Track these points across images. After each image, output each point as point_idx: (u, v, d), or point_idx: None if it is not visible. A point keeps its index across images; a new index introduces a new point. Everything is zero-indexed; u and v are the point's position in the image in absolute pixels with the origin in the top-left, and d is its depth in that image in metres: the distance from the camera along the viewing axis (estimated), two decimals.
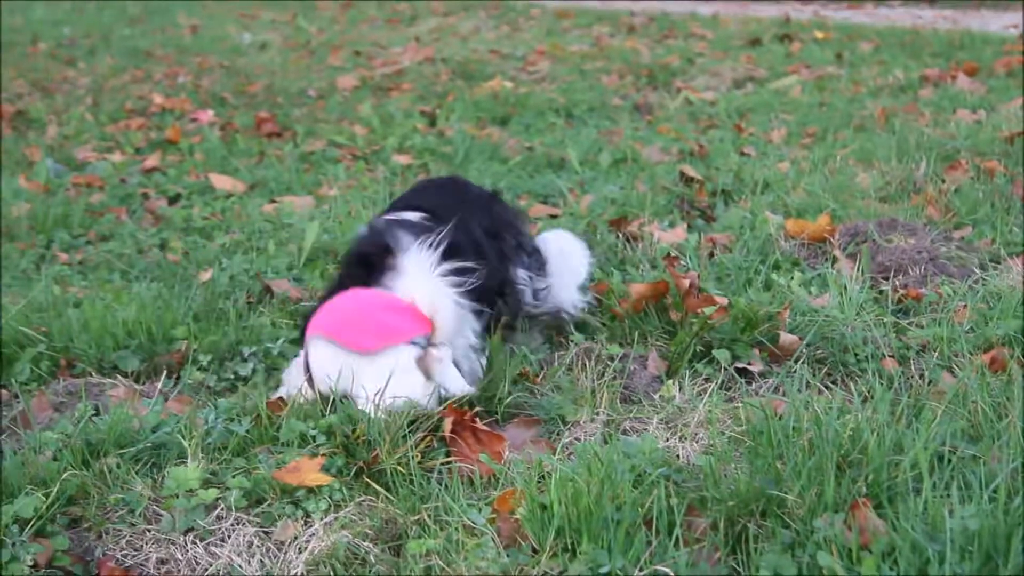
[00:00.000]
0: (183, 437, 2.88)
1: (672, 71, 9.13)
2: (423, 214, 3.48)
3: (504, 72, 9.44)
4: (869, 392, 3.04)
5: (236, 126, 7.34)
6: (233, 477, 2.76)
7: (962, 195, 4.81)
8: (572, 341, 3.53)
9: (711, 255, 4.30)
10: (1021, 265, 3.98)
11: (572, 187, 5.50)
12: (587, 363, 3.33)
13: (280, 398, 3.10)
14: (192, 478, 2.73)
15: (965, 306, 3.67)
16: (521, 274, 3.61)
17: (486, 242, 3.53)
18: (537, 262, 3.71)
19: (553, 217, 5.00)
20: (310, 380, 3.08)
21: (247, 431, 2.95)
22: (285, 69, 10.25)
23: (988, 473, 2.47)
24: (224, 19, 15.79)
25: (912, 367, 3.31)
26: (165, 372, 3.44)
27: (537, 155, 6.25)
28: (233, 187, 5.73)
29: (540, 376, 3.33)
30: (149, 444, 2.90)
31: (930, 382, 3.17)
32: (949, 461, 2.58)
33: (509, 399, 3.17)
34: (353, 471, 2.80)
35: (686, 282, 3.61)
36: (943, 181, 5.10)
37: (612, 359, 3.39)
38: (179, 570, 2.53)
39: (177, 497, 2.67)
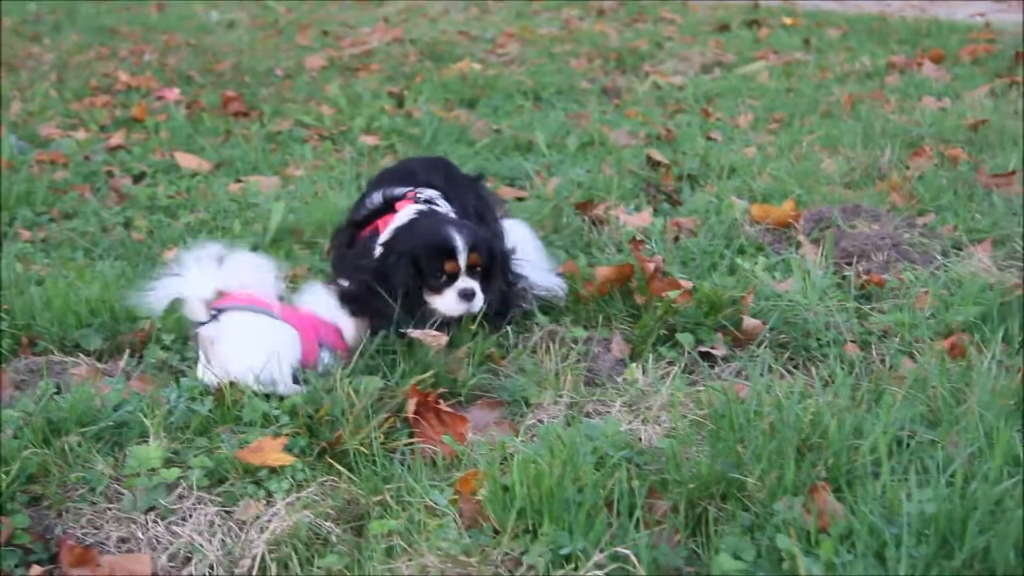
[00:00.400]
0: (145, 416, 2.87)
1: (641, 55, 9.12)
2: (438, 192, 3.69)
3: (473, 54, 9.42)
4: (831, 377, 3.07)
5: (202, 105, 7.29)
6: (195, 456, 2.75)
7: (926, 182, 4.84)
8: (536, 324, 3.53)
9: (676, 239, 4.31)
10: (982, 252, 4.01)
11: (539, 170, 5.50)
12: (551, 346, 3.33)
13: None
14: (154, 457, 2.73)
15: (927, 292, 3.69)
16: None
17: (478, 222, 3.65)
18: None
19: (520, 200, 5.00)
20: None
21: (209, 411, 2.94)
22: (253, 48, 10.19)
23: (946, 458, 2.49)
24: None
25: (873, 352, 3.33)
26: (128, 351, 3.42)
27: (505, 138, 6.25)
28: (199, 166, 5.70)
29: (505, 358, 3.33)
30: (111, 423, 2.89)
31: (891, 367, 3.19)
32: (908, 446, 2.61)
33: (473, 381, 3.17)
34: (316, 451, 2.81)
35: (651, 266, 3.63)
36: (907, 168, 5.13)
37: (576, 342, 3.40)
38: (140, 548, 2.53)
39: (139, 476, 2.67)
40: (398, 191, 3.69)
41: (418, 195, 3.66)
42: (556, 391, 3.13)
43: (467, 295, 3.34)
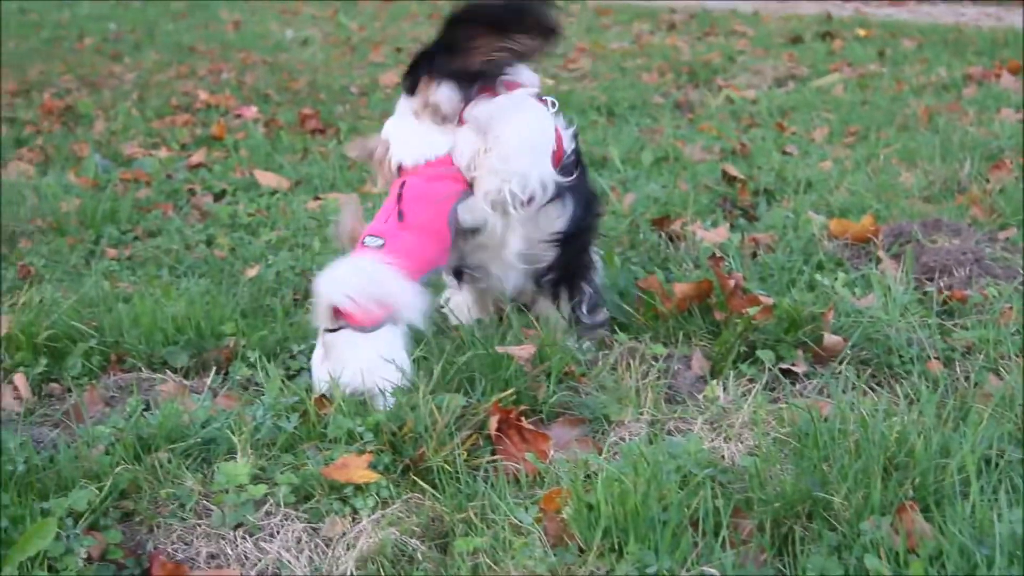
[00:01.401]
0: (232, 433, 2.92)
1: (713, 69, 9.11)
2: None
3: (545, 69, 9.44)
4: (914, 394, 3.04)
5: (280, 122, 7.39)
6: (282, 473, 2.78)
7: (1007, 195, 4.79)
8: (616, 341, 3.54)
9: (754, 255, 4.30)
10: None
11: (615, 185, 5.50)
12: (631, 363, 3.32)
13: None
14: (241, 474, 2.76)
15: (1011, 308, 3.65)
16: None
17: None
18: None
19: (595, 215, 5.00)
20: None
21: (295, 428, 2.97)
22: (327, 65, 10.30)
23: None
24: (266, 15, 15.86)
25: (957, 369, 3.31)
26: (214, 368, 3.48)
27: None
28: (278, 184, 5.78)
29: (585, 375, 3.34)
30: (199, 439, 2.93)
31: (976, 384, 3.16)
32: (996, 465, 2.59)
33: (554, 398, 3.18)
34: (400, 468, 2.83)
35: (731, 282, 3.62)
36: (987, 181, 5.08)
37: (656, 359, 3.39)
38: (229, 565, 2.56)
39: (227, 492, 2.70)
40: None
41: None
42: (637, 408, 3.14)
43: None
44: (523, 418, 3.01)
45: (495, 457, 2.88)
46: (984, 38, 9.75)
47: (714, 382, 3.28)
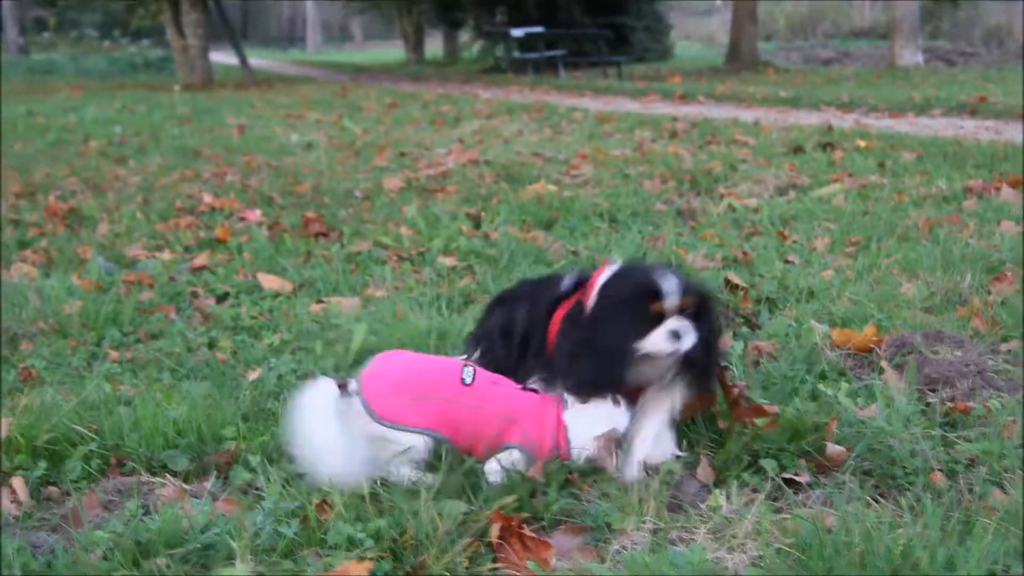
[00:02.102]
0: (232, 538, 2.90)
1: (715, 177, 9.19)
2: None
3: (547, 175, 9.54)
4: (918, 506, 3.03)
5: (284, 226, 7.44)
6: None
7: (1008, 307, 4.80)
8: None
9: (756, 363, 4.30)
10: None
11: None
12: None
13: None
14: None
15: (1014, 420, 3.64)
16: None
17: None
18: None
19: None
20: None
21: (295, 533, 2.95)
22: (331, 169, 10.40)
23: None
24: (271, 119, 16.06)
25: (961, 481, 3.28)
26: (214, 472, 3.46)
27: (582, 259, 6.29)
28: (281, 287, 5.80)
29: (587, 483, 3.32)
30: (198, 545, 2.91)
31: (980, 497, 3.14)
32: None
33: (556, 505, 3.17)
34: None
35: (735, 391, 3.62)
36: (989, 293, 5.10)
37: (659, 467, 3.38)
38: None
39: None
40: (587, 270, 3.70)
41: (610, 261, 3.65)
42: (640, 517, 3.12)
43: (677, 334, 3.31)
44: (525, 526, 2.99)
45: (496, 566, 2.86)
46: (983, 151, 9.85)
47: (717, 491, 3.26)
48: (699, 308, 3.38)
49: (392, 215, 7.86)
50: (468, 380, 3.37)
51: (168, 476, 3.48)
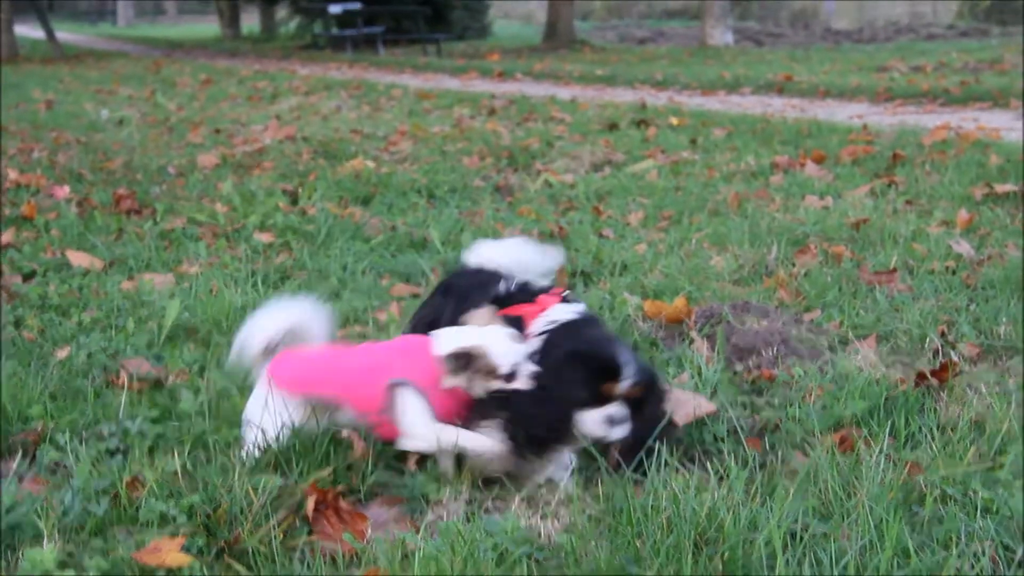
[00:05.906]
0: (39, 518, 2.82)
1: (532, 153, 9.27)
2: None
3: (366, 152, 9.50)
4: (725, 471, 3.11)
5: (94, 202, 7.23)
6: (90, 558, 2.70)
7: (811, 279, 4.98)
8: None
9: None
10: (867, 347, 4.13)
11: (434, 267, 5.54)
12: None
13: None
14: (48, 560, 2.67)
15: (818, 388, 3.77)
16: None
17: None
18: None
19: (415, 296, 5.03)
20: None
21: (105, 511, 2.89)
22: (144, 146, 10.17)
23: (838, 550, 2.55)
24: (80, 95, 15.60)
25: (765, 445, 3.40)
26: (20, 452, 3.36)
27: (399, 235, 6.29)
28: (91, 264, 5.65)
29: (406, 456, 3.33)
30: (4, 526, 2.82)
31: (783, 461, 3.25)
32: (801, 539, 2.66)
33: (372, 478, 3.17)
34: (215, 551, 2.77)
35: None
36: (793, 265, 5.28)
37: None
38: None
39: None
40: (541, 284, 3.58)
41: (566, 295, 3.48)
42: (455, 488, 3.14)
43: (613, 421, 3.13)
44: (341, 498, 2.98)
45: (312, 538, 2.85)
46: (789, 129, 10.17)
47: None
48: (641, 397, 3.19)
49: (207, 192, 7.72)
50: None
51: None
